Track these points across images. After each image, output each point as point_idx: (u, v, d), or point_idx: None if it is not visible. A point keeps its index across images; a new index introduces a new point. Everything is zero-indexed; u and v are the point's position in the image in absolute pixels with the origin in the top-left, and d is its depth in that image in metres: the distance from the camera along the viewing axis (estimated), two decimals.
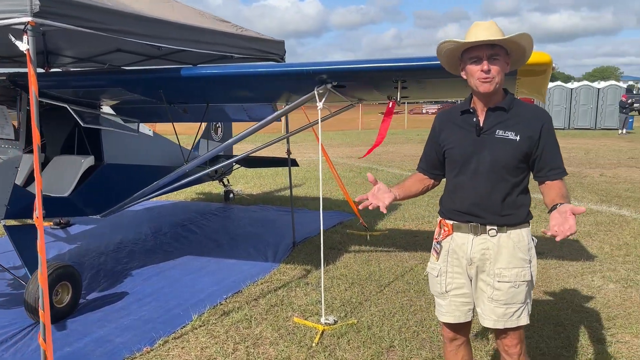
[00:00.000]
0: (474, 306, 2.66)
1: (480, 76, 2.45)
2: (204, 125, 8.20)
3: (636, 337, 3.95)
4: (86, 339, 4.03)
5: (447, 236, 2.66)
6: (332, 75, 3.92)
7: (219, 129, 8.90)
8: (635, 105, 32.78)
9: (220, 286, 5.10)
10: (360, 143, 21.54)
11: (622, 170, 12.99)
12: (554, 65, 3.57)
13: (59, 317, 4.35)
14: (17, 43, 3.05)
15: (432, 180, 2.84)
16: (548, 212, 2.32)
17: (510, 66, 2.57)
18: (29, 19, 3.02)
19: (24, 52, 3.08)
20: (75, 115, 4.49)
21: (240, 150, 8.32)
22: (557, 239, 2.19)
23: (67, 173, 5.23)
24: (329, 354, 3.76)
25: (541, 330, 4.02)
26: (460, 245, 2.60)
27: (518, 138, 2.48)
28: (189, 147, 6.91)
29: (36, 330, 4.13)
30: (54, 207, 5.03)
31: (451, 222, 2.64)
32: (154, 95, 4.60)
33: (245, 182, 11.73)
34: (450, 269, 2.65)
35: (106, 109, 5.51)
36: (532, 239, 2.60)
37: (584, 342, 3.87)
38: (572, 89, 29.50)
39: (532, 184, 2.54)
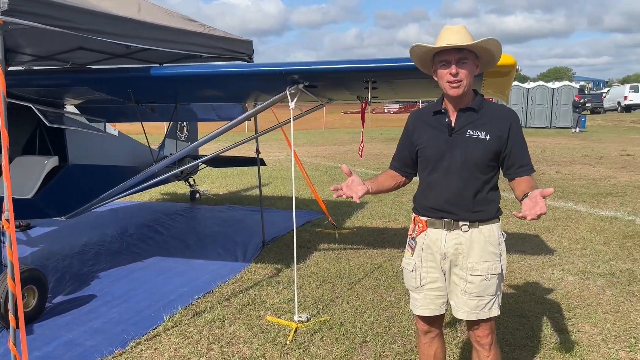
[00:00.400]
0: (448, 299, 2.77)
1: (448, 79, 2.55)
2: (168, 124, 8.13)
3: (595, 326, 4.15)
4: (55, 343, 3.95)
5: (421, 232, 2.74)
6: (304, 76, 3.97)
7: (185, 129, 8.82)
8: (587, 104, 33.99)
9: (190, 286, 5.07)
10: (324, 142, 21.65)
11: (577, 167, 13.50)
12: (517, 67, 3.72)
13: (25, 321, 4.21)
14: None
15: (404, 178, 2.92)
16: (520, 201, 2.43)
17: (480, 68, 2.68)
18: None
19: None
20: (40, 115, 4.38)
21: (207, 150, 8.28)
22: (528, 218, 2.30)
23: (30, 174, 5.09)
24: (303, 351, 3.81)
25: (506, 322, 4.17)
26: (435, 241, 2.69)
27: (488, 137, 2.58)
28: (154, 147, 6.84)
29: (3, 335, 4.05)
30: (17, 209, 4.87)
31: (425, 218, 2.72)
32: (121, 94, 4.54)
33: (211, 182, 11.64)
34: (425, 263, 2.74)
35: (70, 108, 5.40)
36: (502, 234, 2.71)
37: (547, 332, 4.04)
38: (528, 89, 30.42)
39: (501, 179, 2.65)
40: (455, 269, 2.67)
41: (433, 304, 2.77)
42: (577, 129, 25.72)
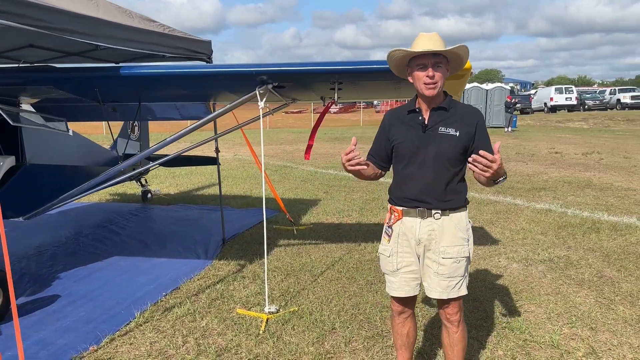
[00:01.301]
0: (421, 281, 3.04)
1: (425, 81, 2.82)
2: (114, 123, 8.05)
3: (539, 306, 4.57)
4: (26, 342, 3.91)
5: (397, 221, 3.01)
6: (274, 77, 4.14)
7: (136, 128, 8.74)
8: (518, 105, 35.85)
9: (156, 284, 5.12)
10: (270, 142, 21.72)
11: (512, 164, 14.31)
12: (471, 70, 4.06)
13: None
14: None
15: (380, 171, 3.17)
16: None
17: (449, 72, 2.97)
18: None
19: None
20: (3, 114, 4.32)
21: (164, 149, 8.24)
22: (486, 175, 2.61)
23: None
24: (277, 339, 3.99)
25: (463, 306, 4.50)
26: (410, 228, 2.95)
27: (458, 134, 2.86)
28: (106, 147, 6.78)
29: None
30: None
31: (401, 208, 2.99)
32: (87, 93, 4.54)
33: (160, 182, 11.53)
34: (401, 249, 3.00)
35: (26, 106, 5.31)
36: (469, 222, 3.01)
37: (498, 313, 4.42)
38: (464, 90, 31.72)
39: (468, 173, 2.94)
40: (429, 253, 2.94)
41: (408, 286, 3.04)
42: (509, 129, 27.10)
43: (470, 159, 2.63)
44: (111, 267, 5.65)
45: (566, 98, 42.05)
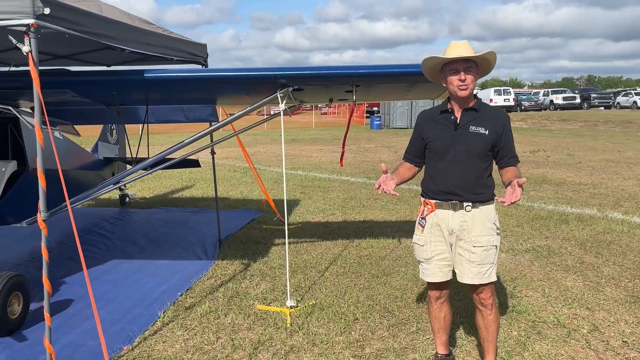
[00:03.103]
0: (453, 267, 3.32)
1: (458, 84, 3.12)
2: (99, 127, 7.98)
3: (536, 291, 4.98)
4: (57, 346, 3.91)
5: (430, 212, 3.28)
6: (295, 80, 4.32)
7: (114, 131, 8.64)
8: None
9: (168, 285, 5.18)
10: (233, 144, 21.62)
11: None
12: None
13: (12, 329, 4.15)
14: (19, 45, 3.00)
15: (417, 168, 3.47)
16: (505, 187, 3.08)
17: (479, 75, 3.26)
18: (32, 20, 3.00)
19: (25, 54, 3.03)
20: (24, 120, 4.28)
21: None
22: (505, 204, 2.94)
23: None
24: (306, 331, 4.17)
25: (468, 294, 4.85)
26: (443, 219, 3.24)
27: (487, 132, 3.16)
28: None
29: None
30: None
31: (434, 201, 3.27)
32: (103, 97, 4.55)
33: (131, 186, 11.34)
34: (434, 238, 3.29)
35: (25, 109, 5.23)
36: (495, 213, 3.30)
37: (502, 299, 4.78)
38: None
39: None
40: (461, 242, 3.22)
41: (441, 272, 3.32)
42: None
43: (499, 200, 3.00)
44: (116, 271, 5.63)
45: (504, 99, 44.05)
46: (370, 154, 17.96)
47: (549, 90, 52.34)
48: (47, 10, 3.01)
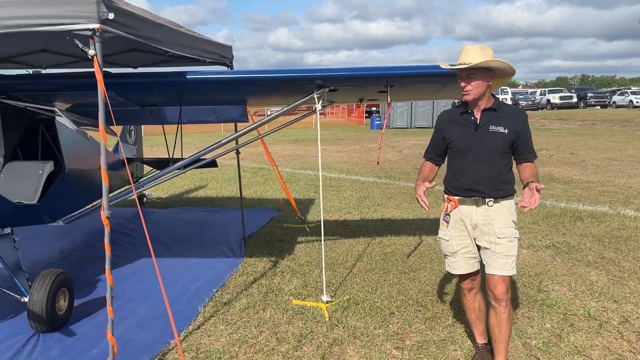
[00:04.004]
0: (480, 259, 3.46)
1: (461, 89, 3.29)
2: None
3: (561, 285, 5.12)
4: (106, 340, 4.02)
5: (454, 209, 3.44)
6: (331, 81, 4.44)
7: (132, 132, 8.73)
8: None
9: (203, 282, 5.29)
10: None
11: None
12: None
13: (59, 325, 4.26)
14: (85, 48, 3.11)
15: (437, 167, 3.66)
16: (523, 188, 3.22)
17: (496, 77, 3.31)
18: (97, 25, 3.11)
19: (90, 57, 3.15)
20: (66, 122, 4.39)
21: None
22: (525, 210, 3.11)
23: (29, 180, 4.97)
24: (345, 325, 4.30)
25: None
26: (466, 215, 3.39)
27: (506, 131, 3.28)
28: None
29: (44, 339, 4.06)
30: (23, 216, 4.79)
31: (457, 197, 3.42)
32: (142, 99, 4.65)
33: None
34: (459, 233, 3.44)
35: (62, 111, 5.33)
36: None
37: (532, 293, 4.92)
38: None
39: None
40: (485, 236, 3.35)
41: (467, 264, 3.48)
42: None
43: (519, 205, 3.15)
44: (147, 269, 5.72)
45: (502, 99, 44.31)
46: (375, 153, 18.08)
47: (546, 89, 52.72)
48: (111, 16, 3.13)
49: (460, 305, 4.39)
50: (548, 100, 46.91)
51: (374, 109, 38.74)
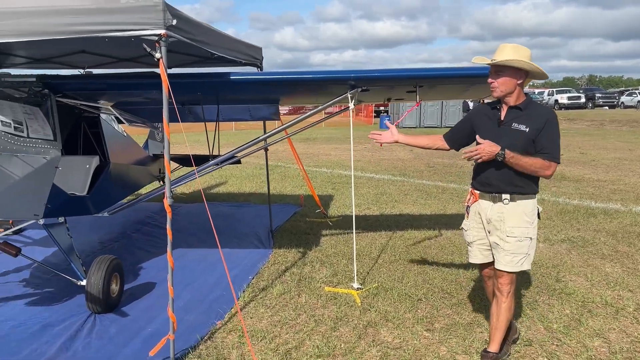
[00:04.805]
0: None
1: (489, 85, 3.46)
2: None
3: (578, 276, 5.41)
4: (158, 321, 4.35)
5: (474, 202, 3.65)
6: (364, 81, 4.74)
7: (160, 130, 9.05)
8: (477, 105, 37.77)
9: (238, 270, 5.60)
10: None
11: None
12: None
13: (112, 306, 4.58)
14: (152, 52, 3.43)
15: (447, 146, 3.85)
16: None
17: (528, 76, 3.46)
18: (163, 31, 3.41)
19: (157, 59, 3.46)
20: (121, 118, 4.72)
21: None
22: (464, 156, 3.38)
23: (78, 173, 5.30)
24: (377, 309, 4.60)
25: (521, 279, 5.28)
26: (484, 209, 3.57)
27: (528, 130, 3.36)
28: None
29: (101, 319, 4.38)
30: (74, 206, 5.11)
31: (478, 191, 3.62)
32: (184, 97, 4.96)
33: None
34: (475, 225, 3.67)
35: (106, 108, 5.66)
36: (537, 207, 3.55)
37: (550, 283, 5.21)
38: None
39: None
40: (497, 232, 3.50)
41: (482, 254, 3.69)
42: None
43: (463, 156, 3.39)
44: (184, 259, 6.04)
45: None
46: (387, 152, 18.36)
47: (554, 90, 52.74)
48: (175, 22, 3.44)
49: (484, 292, 4.71)
50: (556, 101, 46.94)
51: (382, 108, 39.01)
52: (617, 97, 49.20)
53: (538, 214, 3.55)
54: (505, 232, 3.46)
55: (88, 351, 3.85)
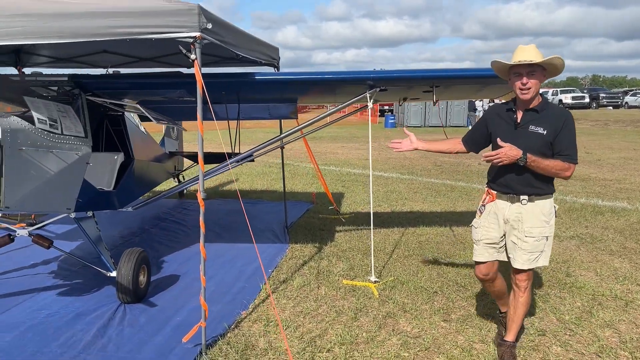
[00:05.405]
0: (500, 252, 3.70)
1: (520, 87, 3.41)
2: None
3: (588, 271, 5.58)
4: (185, 311, 4.55)
5: (491, 201, 3.71)
6: (382, 82, 4.92)
7: (175, 127, 9.24)
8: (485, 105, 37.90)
9: (258, 263, 5.77)
10: (248, 141, 22.24)
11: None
12: None
13: (141, 297, 4.76)
14: (187, 54, 3.61)
15: (465, 149, 3.94)
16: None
17: (546, 77, 3.54)
18: (198, 33, 3.59)
19: (192, 60, 3.65)
20: (148, 116, 4.91)
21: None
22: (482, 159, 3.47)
23: (104, 169, 5.49)
24: (395, 301, 4.78)
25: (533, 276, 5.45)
26: (500, 209, 3.62)
27: (545, 132, 3.40)
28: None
29: (130, 309, 4.56)
30: (102, 201, 5.31)
31: (495, 191, 3.69)
32: (212, 97, 5.13)
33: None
34: (487, 224, 3.70)
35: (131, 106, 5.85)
36: (554, 206, 3.60)
37: (561, 277, 5.38)
38: None
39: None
40: (515, 231, 3.57)
41: (487, 253, 3.74)
42: None
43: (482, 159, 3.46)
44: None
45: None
46: (393, 152, 18.52)
47: (558, 89, 52.76)
48: (209, 25, 3.62)
49: None
50: (560, 101, 46.94)
51: (386, 107, 39.16)
52: (621, 97, 49.28)
53: (555, 212, 3.62)
54: (523, 232, 3.53)
55: (121, 338, 4.03)
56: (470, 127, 27.14)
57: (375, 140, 23.37)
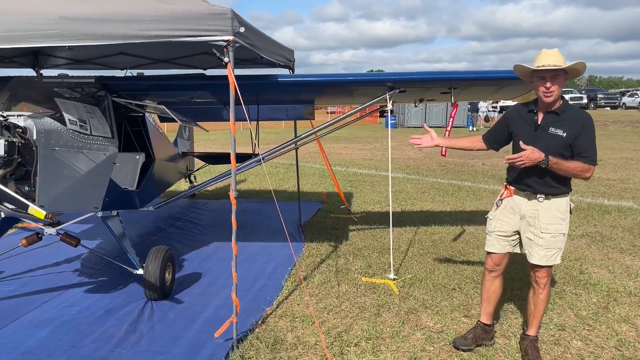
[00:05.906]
0: (512, 245, 3.81)
1: (543, 91, 3.49)
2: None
3: (601, 268, 5.71)
4: (212, 306, 4.65)
5: (508, 197, 3.82)
6: (401, 83, 5.04)
7: (187, 128, 9.35)
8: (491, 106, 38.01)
9: (277, 261, 5.90)
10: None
11: (495, 159, 15.71)
12: None
13: (167, 294, 4.86)
14: (220, 56, 3.72)
15: (486, 147, 4.03)
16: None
17: (568, 79, 3.61)
18: (231, 37, 3.71)
19: (225, 63, 3.75)
20: (175, 117, 5.02)
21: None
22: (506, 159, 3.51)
23: (127, 169, 5.59)
24: (415, 298, 4.89)
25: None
26: (518, 205, 3.73)
27: (565, 135, 3.49)
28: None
29: (158, 305, 4.67)
30: (125, 200, 5.41)
31: (513, 188, 3.79)
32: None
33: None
34: (503, 218, 3.81)
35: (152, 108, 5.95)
36: (570, 204, 3.69)
37: (575, 274, 5.51)
38: None
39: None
40: (531, 228, 3.66)
41: (499, 244, 3.85)
42: (474, 127, 28.99)
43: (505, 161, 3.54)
44: (223, 251, 6.32)
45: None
46: (396, 151, 18.64)
47: None
48: (242, 29, 3.74)
49: (514, 283, 5.03)
50: None
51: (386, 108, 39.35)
52: (618, 98, 49.55)
53: (570, 209, 3.72)
54: (539, 228, 3.62)
55: (153, 333, 4.14)
56: (470, 128, 27.27)
57: (378, 140, 23.57)
